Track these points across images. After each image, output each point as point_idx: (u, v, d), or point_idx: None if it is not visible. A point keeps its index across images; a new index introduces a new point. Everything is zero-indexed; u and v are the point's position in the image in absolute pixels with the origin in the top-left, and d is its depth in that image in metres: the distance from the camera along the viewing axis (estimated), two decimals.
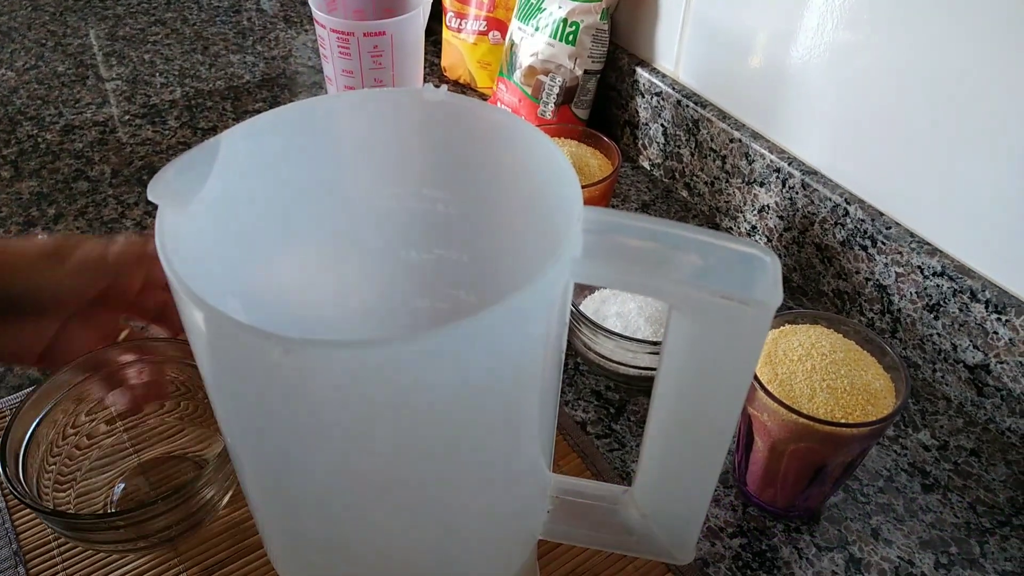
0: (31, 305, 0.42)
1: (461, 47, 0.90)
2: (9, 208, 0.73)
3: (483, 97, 0.89)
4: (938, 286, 0.56)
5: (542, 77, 0.78)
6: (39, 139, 0.82)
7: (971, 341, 0.55)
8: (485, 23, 0.87)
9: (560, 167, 0.30)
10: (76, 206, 0.74)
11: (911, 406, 0.58)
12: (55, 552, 0.47)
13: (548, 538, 0.39)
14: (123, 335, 0.47)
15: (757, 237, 0.71)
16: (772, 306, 0.27)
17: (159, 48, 0.99)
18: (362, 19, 0.78)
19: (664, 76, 0.76)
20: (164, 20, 1.05)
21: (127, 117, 0.86)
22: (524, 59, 0.79)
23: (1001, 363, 0.54)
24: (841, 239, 0.62)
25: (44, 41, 1.00)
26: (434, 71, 0.95)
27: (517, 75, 0.80)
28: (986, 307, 0.54)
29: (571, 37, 0.76)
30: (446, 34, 0.91)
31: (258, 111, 0.87)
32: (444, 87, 0.33)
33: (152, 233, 0.25)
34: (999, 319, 0.53)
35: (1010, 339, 0.53)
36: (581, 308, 0.58)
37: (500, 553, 0.36)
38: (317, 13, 0.75)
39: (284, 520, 0.34)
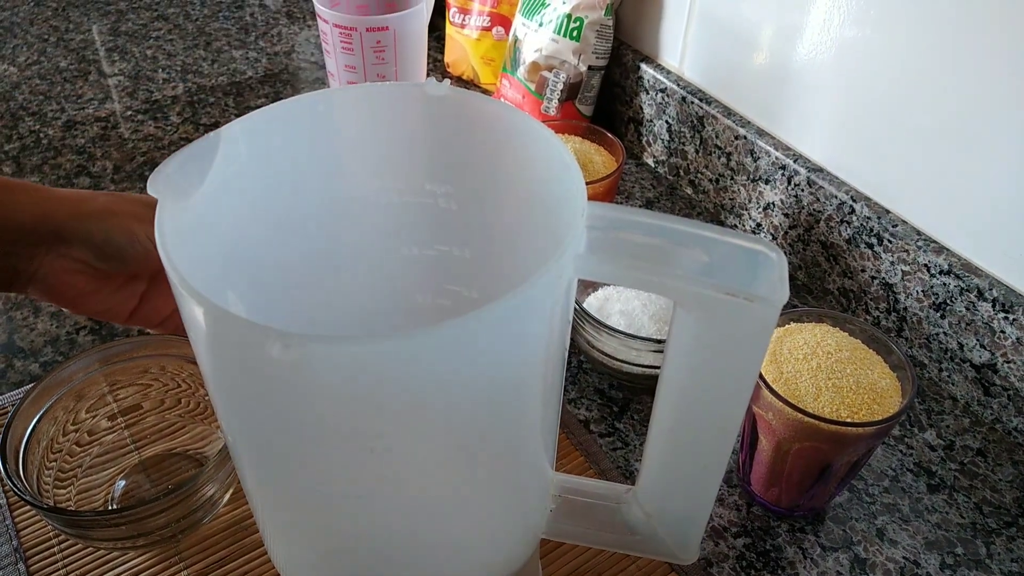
0: (125, 261, 0.42)
1: (464, 43, 0.89)
2: None
3: (486, 93, 0.88)
4: (945, 284, 0.56)
5: (546, 73, 0.78)
6: (41, 135, 0.82)
7: (978, 340, 0.55)
8: (489, 19, 0.86)
9: (564, 162, 0.30)
10: None
11: (917, 405, 0.58)
12: (55, 549, 0.47)
13: (551, 537, 0.38)
14: None
15: (762, 235, 0.70)
16: (778, 303, 0.27)
17: (161, 44, 0.99)
18: (365, 14, 0.77)
19: (669, 72, 0.76)
20: (167, 16, 1.05)
21: (129, 113, 0.86)
22: (528, 55, 0.78)
23: (1008, 362, 0.54)
24: (847, 237, 0.62)
25: (47, 36, 1.00)
26: (437, 67, 0.94)
27: (521, 71, 0.79)
28: (993, 306, 0.53)
29: (575, 33, 0.75)
30: (449, 30, 0.91)
31: (260, 107, 0.87)
32: (447, 81, 0.33)
33: None
34: (1006, 318, 0.53)
35: (1017, 338, 0.52)
36: (585, 306, 0.58)
37: (502, 552, 0.36)
38: (320, 8, 0.75)
39: (284, 518, 0.34)
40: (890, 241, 0.58)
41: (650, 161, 0.81)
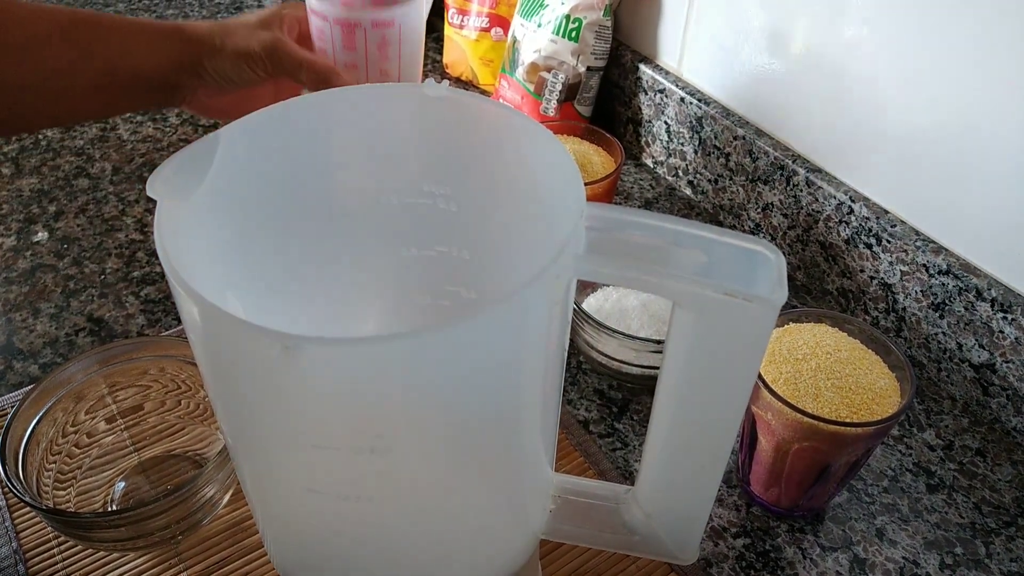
0: (251, 80, 0.53)
1: (463, 44, 0.89)
2: (10, 205, 0.73)
3: (485, 94, 0.88)
4: (943, 284, 0.56)
5: (545, 74, 0.78)
6: (40, 136, 0.82)
7: (976, 340, 0.55)
8: (487, 19, 0.86)
9: (563, 163, 0.30)
10: (77, 203, 0.74)
11: (916, 405, 0.58)
12: (55, 551, 0.47)
13: (550, 538, 0.38)
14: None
15: (761, 235, 0.70)
16: (777, 303, 0.27)
17: None
18: (353, 11, 0.77)
19: (667, 73, 0.76)
20: (165, 17, 1.05)
21: (128, 114, 0.86)
22: (527, 56, 0.78)
23: (1007, 362, 0.54)
24: (846, 237, 0.62)
25: None
26: (436, 68, 0.95)
27: (519, 72, 0.79)
28: (992, 306, 0.53)
29: (574, 34, 0.75)
30: (448, 31, 0.91)
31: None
32: (446, 82, 0.33)
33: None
34: (1005, 318, 0.53)
35: (1016, 338, 0.52)
36: (583, 307, 0.58)
37: (501, 552, 0.36)
38: (317, 4, 0.74)
39: (284, 519, 0.34)
40: (889, 241, 0.58)
41: (649, 162, 0.81)
